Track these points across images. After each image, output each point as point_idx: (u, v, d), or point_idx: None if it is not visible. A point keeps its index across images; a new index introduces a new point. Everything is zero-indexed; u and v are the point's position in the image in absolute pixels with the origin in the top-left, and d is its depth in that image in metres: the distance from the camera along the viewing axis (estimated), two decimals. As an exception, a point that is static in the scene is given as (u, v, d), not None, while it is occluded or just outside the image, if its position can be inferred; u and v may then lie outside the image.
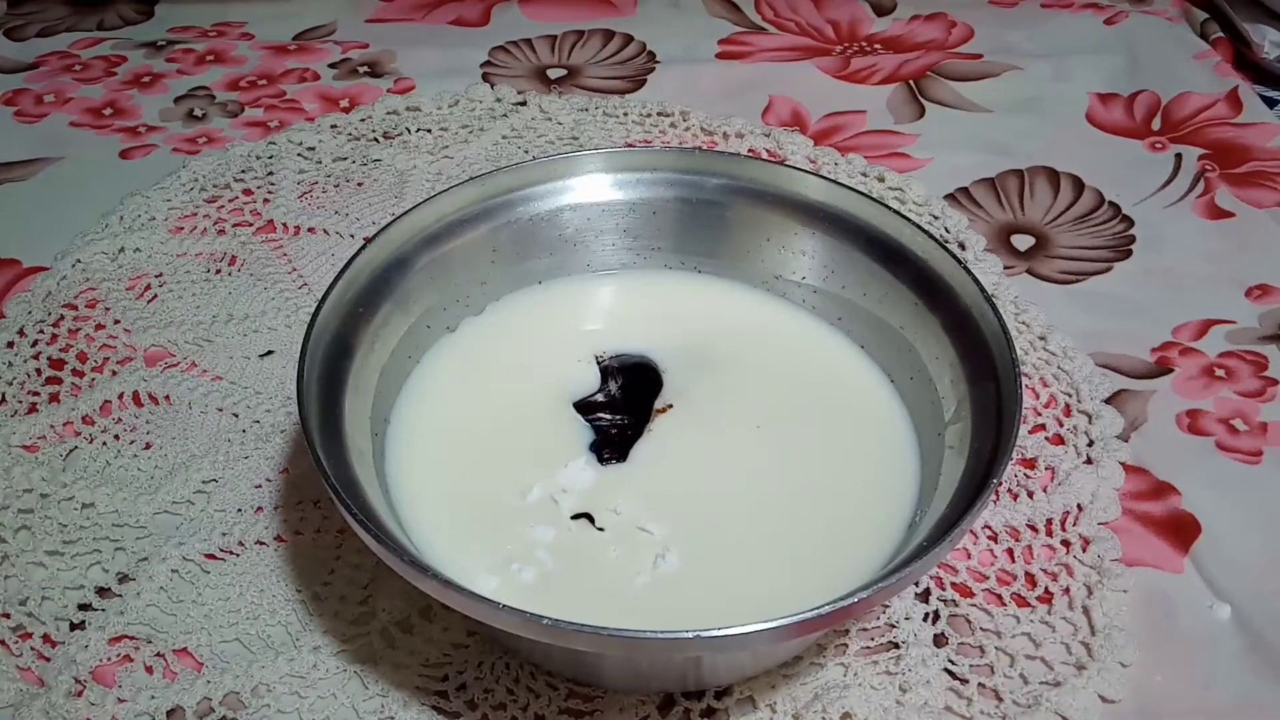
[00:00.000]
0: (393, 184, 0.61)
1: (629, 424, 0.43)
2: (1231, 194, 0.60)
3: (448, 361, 0.44)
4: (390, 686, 0.39)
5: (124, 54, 0.73)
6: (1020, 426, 0.36)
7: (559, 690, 0.39)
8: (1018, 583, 0.42)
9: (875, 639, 0.40)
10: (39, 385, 0.50)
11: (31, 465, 0.46)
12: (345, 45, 0.73)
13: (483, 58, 0.72)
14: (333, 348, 0.40)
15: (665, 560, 0.38)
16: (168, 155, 0.64)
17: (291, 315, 0.53)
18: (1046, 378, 0.50)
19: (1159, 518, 0.44)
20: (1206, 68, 0.70)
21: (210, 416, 0.48)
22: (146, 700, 0.38)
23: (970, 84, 0.69)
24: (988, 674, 0.39)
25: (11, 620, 0.41)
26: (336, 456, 0.36)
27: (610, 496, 0.40)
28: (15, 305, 0.54)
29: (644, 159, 0.47)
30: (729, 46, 0.73)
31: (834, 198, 0.45)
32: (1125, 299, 0.54)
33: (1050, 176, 0.61)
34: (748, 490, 0.41)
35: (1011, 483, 0.45)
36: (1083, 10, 0.76)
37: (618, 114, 0.66)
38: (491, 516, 0.40)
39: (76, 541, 0.43)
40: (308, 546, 0.43)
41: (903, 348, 0.43)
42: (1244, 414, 0.48)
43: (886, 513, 0.39)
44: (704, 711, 0.38)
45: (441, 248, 0.44)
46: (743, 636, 0.31)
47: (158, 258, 0.56)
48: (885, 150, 0.63)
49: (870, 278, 0.44)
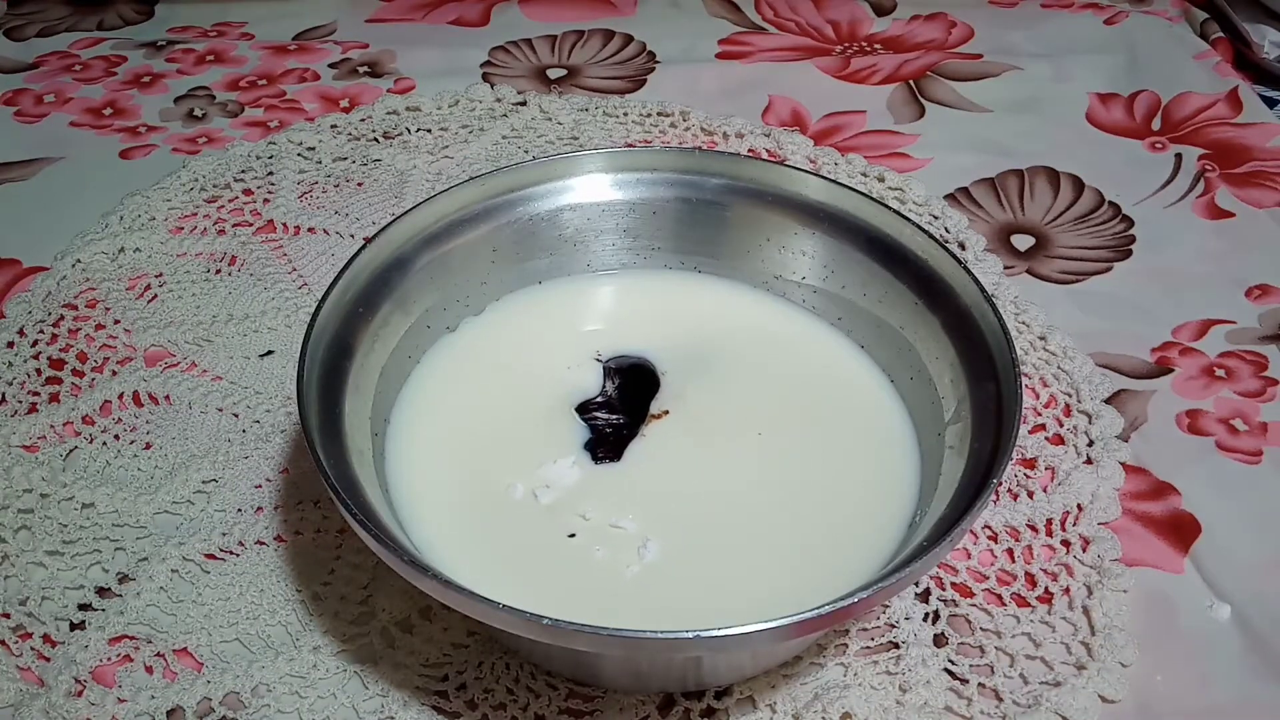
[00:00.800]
0: (393, 184, 0.61)
1: (625, 424, 0.43)
2: (1231, 194, 0.60)
3: (448, 361, 0.44)
4: (390, 686, 0.39)
5: (124, 54, 0.73)
6: (1020, 426, 0.36)
7: (559, 690, 0.39)
8: (1018, 583, 0.42)
9: (875, 639, 0.40)
10: (39, 385, 0.50)
11: (31, 465, 0.46)
12: (345, 45, 0.73)
13: (483, 58, 0.72)
14: (333, 348, 0.40)
15: (647, 550, 0.38)
16: (168, 155, 0.64)
17: (291, 315, 0.53)
18: (1046, 378, 0.50)
19: (1159, 518, 0.44)
20: (1206, 68, 0.70)
21: (210, 416, 0.48)
22: (146, 700, 0.38)
23: (970, 84, 0.69)
24: (988, 674, 0.39)
25: (11, 620, 0.41)
26: (336, 456, 0.36)
27: (606, 495, 0.40)
28: (15, 305, 0.54)
29: (644, 159, 0.47)
30: (729, 46, 0.73)
31: (834, 198, 0.45)
32: (1125, 299, 0.54)
33: (1050, 176, 0.61)
34: (747, 490, 0.41)
35: (1011, 483, 0.45)
36: (1083, 10, 0.76)
37: (618, 114, 0.66)
38: (491, 516, 0.40)
39: (76, 541, 0.43)
40: (308, 546, 0.43)
41: (903, 348, 0.43)
42: (1244, 414, 0.48)
43: (886, 513, 0.39)
44: (704, 711, 0.38)
45: (441, 248, 0.44)
46: (743, 636, 0.31)
47: (158, 258, 0.56)
48: (885, 150, 0.64)
49: (870, 278, 0.44)
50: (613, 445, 0.42)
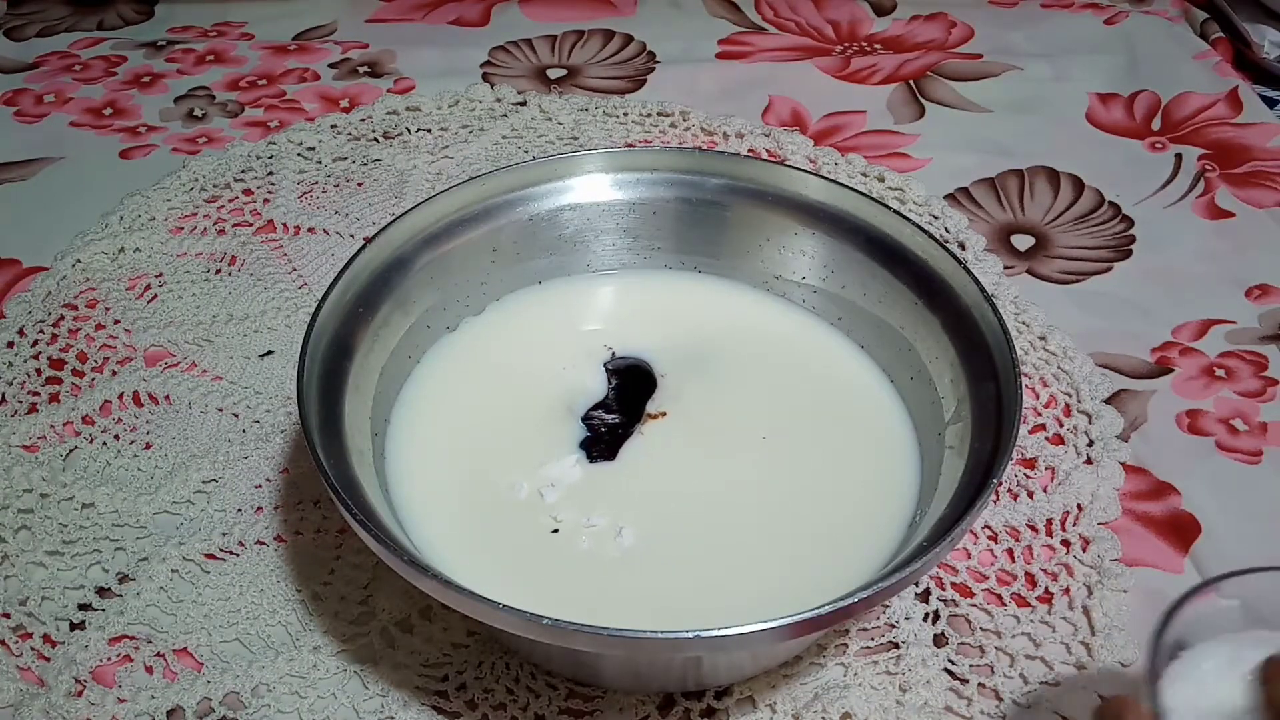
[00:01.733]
0: (393, 184, 0.61)
1: (620, 424, 0.43)
2: (1231, 194, 0.60)
3: (448, 361, 0.44)
4: (390, 686, 0.39)
5: (124, 54, 0.73)
6: (1020, 426, 0.36)
7: (559, 690, 0.39)
8: (1018, 583, 0.42)
9: (875, 639, 0.40)
10: (39, 385, 0.50)
11: (31, 465, 0.46)
12: (345, 45, 0.73)
13: (483, 58, 0.72)
14: (333, 348, 0.40)
15: (623, 537, 0.38)
16: (168, 155, 0.64)
17: (291, 315, 0.53)
18: (1046, 378, 0.50)
19: (1159, 518, 0.44)
20: (1206, 68, 0.70)
21: (210, 416, 0.48)
22: (146, 700, 0.38)
23: (970, 84, 0.69)
24: (988, 674, 0.39)
25: (11, 620, 0.41)
26: (336, 456, 0.36)
27: (605, 495, 0.40)
28: (15, 305, 0.54)
29: (644, 159, 0.47)
30: (729, 46, 0.73)
31: (834, 198, 0.45)
32: (1125, 299, 0.54)
33: (1050, 176, 0.61)
34: (747, 490, 0.41)
35: (1011, 483, 0.45)
36: (1083, 10, 0.76)
37: (618, 114, 0.66)
38: (491, 516, 0.40)
39: (76, 541, 0.43)
40: (308, 546, 0.43)
41: (903, 348, 0.43)
42: (1244, 414, 0.48)
43: (886, 513, 0.39)
44: (704, 711, 0.38)
45: (441, 248, 0.44)
46: (743, 636, 0.31)
47: (158, 258, 0.56)
48: (885, 150, 0.63)
49: (870, 278, 0.44)
50: (608, 445, 0.42)
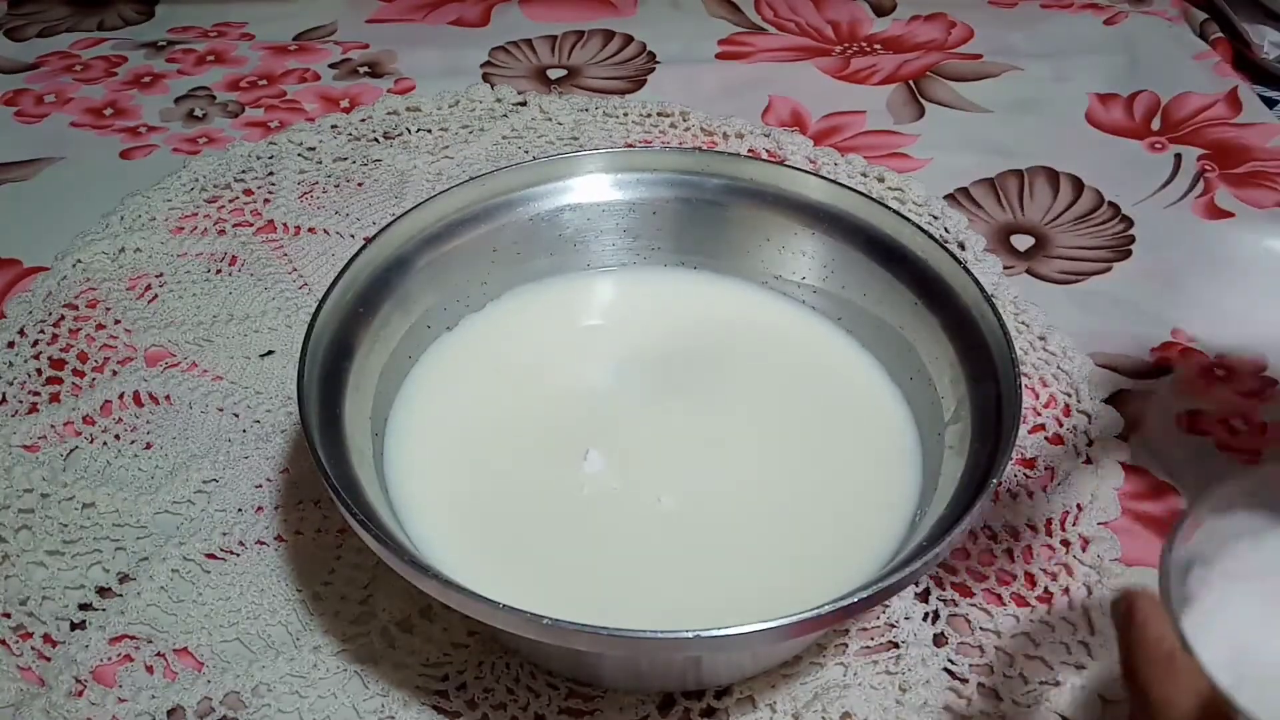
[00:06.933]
0: (393, 184, 0.61)
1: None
2: (1231, 194, 0.60)
3: (448, 361, 0.45)
4: (390, 686, 0.39)
5: (124, 54, 0.73)
6: (1020, 426, 0.36)
7: (559, 690, 0.39)
8: (1017, 582, 0.42)
9: (875, 639, 0.40)
10: (39, 385, 0.50)
11: (32, 465, 0.46)
12: (345, 45, 0.73)
13: (483, 58, 0.72)
14: (333, 348, 0.40)
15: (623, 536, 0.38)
16: (168, 155, 0.64)
17: (291, 315, 0.53)
18: (1046, 378, 0.50)
19: (1159, 518, 0.44)
20: (1206, 68, 0.70)
21: (210, 416, 0.48)
22: (147, 700, 0.38)
23: (970, 84, 0.69)
24: (987, 674, 0.39)
25: (12, 620, 0.41)
26: (336, 456, 0.37)
27: (603, 494, 0.40)
28: (15, 305, 0.54)
29: (644, 159, 0.47)
30: (729, 47, 0.74)
31: (834, 198, 0.45)
32: (1125, 299, 0.54)
33: (1050, 176, 0.61)
34: (747, 490, 0.41)
35: (1011, 483, 0.45)
36: (1082, 10, 0.76)
37: (618, 114, 0.66)
38: (491, 515, 0.40)
39: (77, 541, 0.43)
40: (308, 546, 0.43)
41: (903, 348, 0.43)
42: (1244, 414, 0.48)
43: (887, 512, 0.39)
44: (704, 711, 0.38)
45: (441, 248, 0.44)
46: (743, 636, 0.31)
47: (158, 258, 0.56)
48: (885, 150, 0.64)
49: (870, 278, 0.44)
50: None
